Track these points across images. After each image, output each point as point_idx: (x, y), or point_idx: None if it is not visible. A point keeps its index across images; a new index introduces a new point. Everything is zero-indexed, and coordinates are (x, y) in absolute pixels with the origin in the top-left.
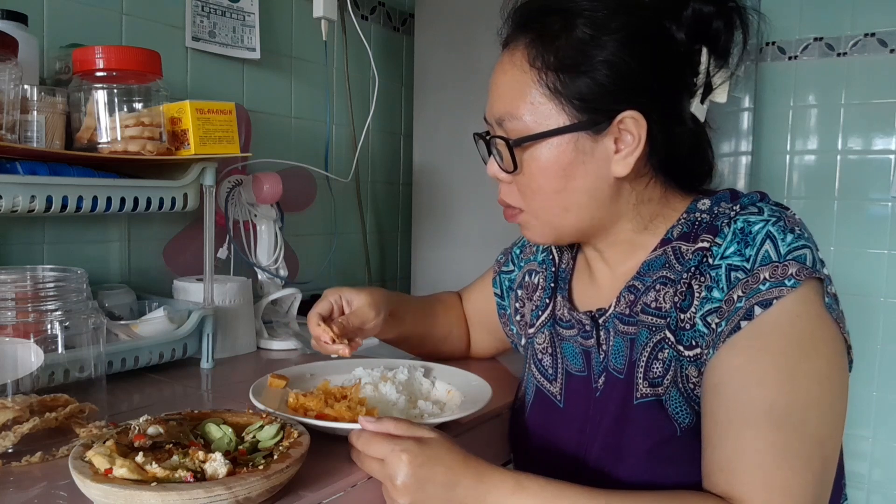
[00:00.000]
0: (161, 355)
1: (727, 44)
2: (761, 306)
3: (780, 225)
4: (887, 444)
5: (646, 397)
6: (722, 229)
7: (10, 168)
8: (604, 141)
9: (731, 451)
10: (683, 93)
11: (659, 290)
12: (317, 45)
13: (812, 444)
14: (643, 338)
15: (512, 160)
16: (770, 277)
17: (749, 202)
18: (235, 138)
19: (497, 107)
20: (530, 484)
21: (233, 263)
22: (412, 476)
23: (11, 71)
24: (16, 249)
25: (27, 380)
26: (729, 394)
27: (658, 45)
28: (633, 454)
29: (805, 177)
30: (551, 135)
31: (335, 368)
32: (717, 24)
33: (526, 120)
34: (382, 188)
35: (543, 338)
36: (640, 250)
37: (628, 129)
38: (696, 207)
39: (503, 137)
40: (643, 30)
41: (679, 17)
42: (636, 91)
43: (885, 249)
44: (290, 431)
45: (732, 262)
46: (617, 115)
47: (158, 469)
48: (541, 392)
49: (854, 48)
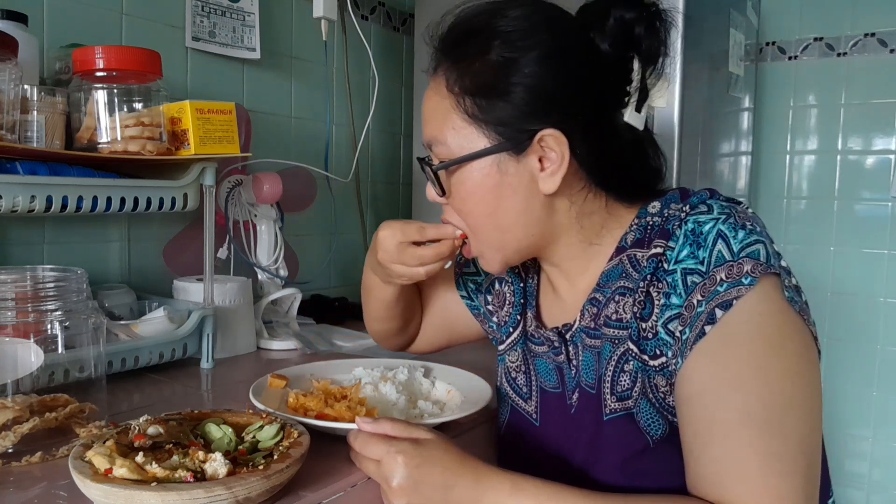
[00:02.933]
0: (161, 355)
1: (654, 48)
2: (722, 308)
3: (730, 222)
4: (887, 444)
5: (615, 412)
6: (674, 232)
7: (10, 168)
8: (527, 160)
9: (713, 461)
10: (610, 104)
11: (619, 301)
12: (317, 45)
13: (794, 443)
14: (607, 351)
15: (438, 184)
16: (727, 278)
17: (698, 201)
18: (235, 138)
19: (426, 132)
20: (527, 486)
21: (233, 263)
22: (408, 477)
23: (11, 71)
24: (16, 249)
25: (27, 380)
26: (705, 403)
27: (579, 59)
28: (608, 470)
29: (805, 177)
30: (472, 158)
31: (335, 368)
32: (639, 30)
33: (450, 144)
34: (382, 188)
35: (516, 355)
36: (595, 261)
37: (550, 147)
38: (646, 212)
39: (427, 162)
40: (562, 46)
41: (603, 29)
42: (555, 109)
43: (884, 249)
44: (290, 431)
45: (687, 266)
46: (535, 134)
47: (158, 469)
48: (516, 411)
49: (854, 48)
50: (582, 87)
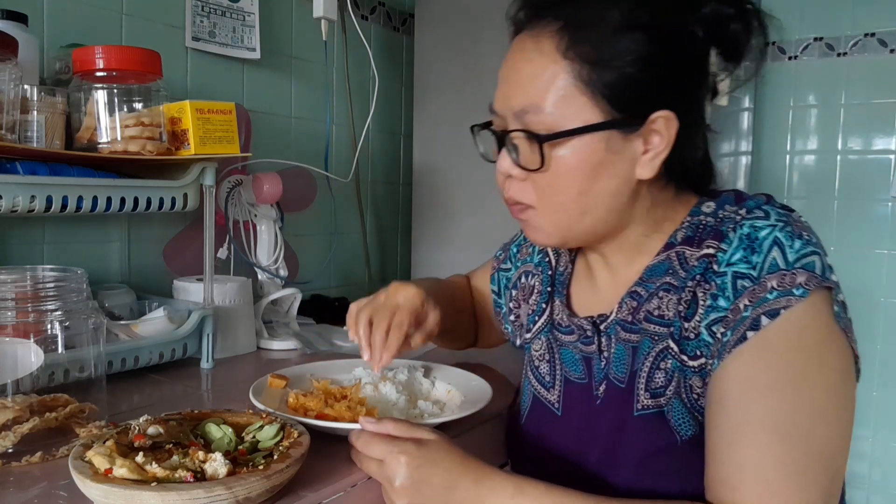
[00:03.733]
0: (161, 355)
1: (742, 48)
2: (768, 316)
3: (787, 230)
4: (887, 444)
5: (646, 409)
6: (727, 234)
7: (10, 168)
8: (633, 141)
9: (735, 465)
10: (705, 93)
11: (662, 297)
12: (317, 45)
13: (819, 458)
14: (646, 347)
15: (540, 157)
16: (778, 286)
17: (755, 205)
18: (235, 138)
19: (517, 98)
20: (530, 489)
21: (233, 263)
22: (410, 478)
23: (11, 71)
24: (16, 249)
25: (27, 380)
26: (733, 406)
27: (684, 41)
28: (629, 464)
29: (805, 177)
30: (586, 131)
31: (335, 368)
32: (736, 27)
33: (553, 114)
34: (382, 188)
35: (541, 344)
36: (644, 254)
37: (658, 130)
38: (700, 210)
39: (528, 131)
40: (671, 25)
41: (698, 14)
42: (669, 90)
43: (885, 249)
44: (290, 431)
45: (738, 270)
46: (651, 114)
47: (158, 469)
48: (538, 400)
49: (854, 48)
50: (689, 70)
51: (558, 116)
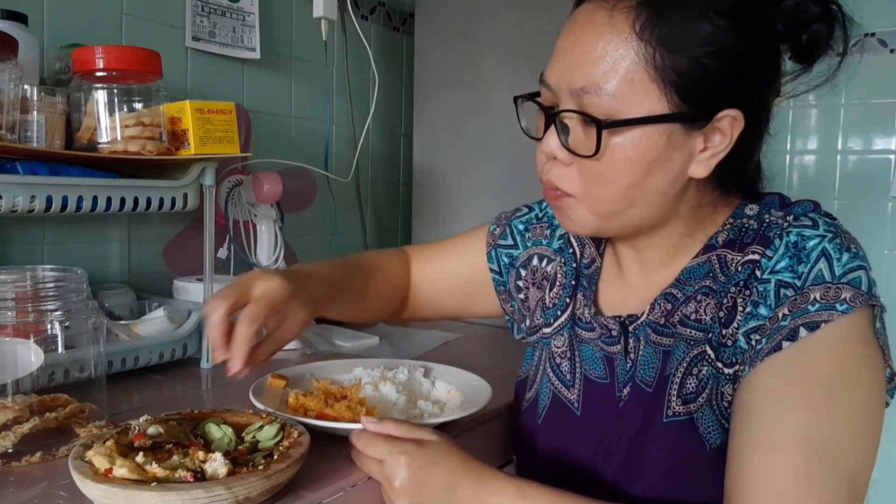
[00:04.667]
0: (161, 355)
1: (820, 50)
2: (807, 328)
3: (836, 242)
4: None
5: (677, 416)
6: (773, 241)
7: (10, 168)
8: (695, 137)
9: (756, 474)
10: (774, 95)
11: (700, 300)
12: (317, 45)
13: (844, 476)
14: (680, 351)
15: (596, 143)
16: (821, 299)
17: (802, 212)
18: (235, 138)
19: (578, 74)
20: (533, 493)
21: (233, 263)
22: (410, 478)
23: (11, 71)
24: (16, 249)
25: (27, 380)
26: (760, 414)
27: (764, 35)
28: (652, 471)
29: (805, 177)
30: (649, 122)
31: (335, 368)
32: (819, 28)
33: (616, 98)
34: (382, 188)
35: (562, 340)
36: (682, 255)
37: (722, 129)
38: (742, 213)
39: (585, 114)
40: (754, 15)
41: (780, 8)
42: (742, 87)
43: (885, 249)
44: (290, 431)
45: (783, 279)
46: (719, 111)
47: (158, 469)
48: (557, 398)
49: (854, 48)
50: (765, 66)
51: (621, 102)
